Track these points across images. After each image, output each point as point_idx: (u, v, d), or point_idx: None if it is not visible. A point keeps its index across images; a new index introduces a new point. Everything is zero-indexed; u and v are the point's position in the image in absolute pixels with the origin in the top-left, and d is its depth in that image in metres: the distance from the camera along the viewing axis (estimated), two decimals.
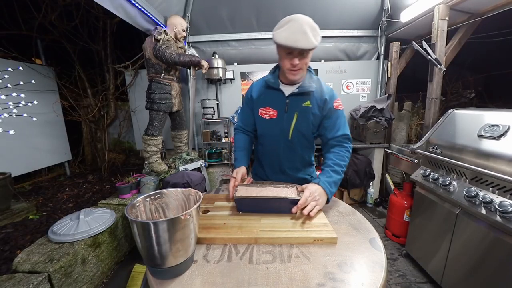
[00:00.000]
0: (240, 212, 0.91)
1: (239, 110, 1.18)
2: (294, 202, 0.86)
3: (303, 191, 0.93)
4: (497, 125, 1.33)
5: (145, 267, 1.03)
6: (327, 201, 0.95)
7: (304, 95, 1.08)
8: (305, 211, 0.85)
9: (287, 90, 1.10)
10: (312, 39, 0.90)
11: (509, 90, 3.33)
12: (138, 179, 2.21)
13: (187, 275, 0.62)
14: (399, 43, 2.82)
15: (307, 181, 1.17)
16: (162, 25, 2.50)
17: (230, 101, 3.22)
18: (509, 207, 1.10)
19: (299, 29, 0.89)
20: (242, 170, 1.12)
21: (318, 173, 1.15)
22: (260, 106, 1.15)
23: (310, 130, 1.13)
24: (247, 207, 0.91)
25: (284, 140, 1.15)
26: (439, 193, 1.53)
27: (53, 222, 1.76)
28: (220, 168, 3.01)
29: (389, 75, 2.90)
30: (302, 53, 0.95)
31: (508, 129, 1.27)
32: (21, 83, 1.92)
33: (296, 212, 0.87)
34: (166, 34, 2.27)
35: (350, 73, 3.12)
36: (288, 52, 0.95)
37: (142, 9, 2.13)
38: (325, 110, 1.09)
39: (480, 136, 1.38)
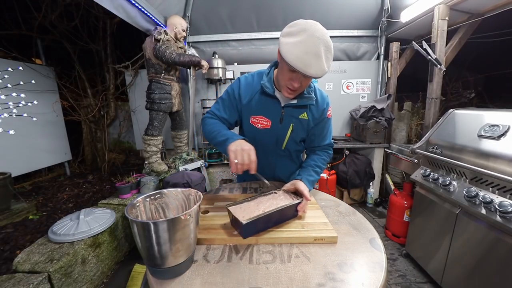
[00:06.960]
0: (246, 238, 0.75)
1: (219, 100, 1.03)
2: (297, 206, 0.84)
3: (294, 192, 0.93)
4: (497, 125, 1.33)
5: (145, 267, 1.03)
6: None
7: (301, 107, 1.00)
8: (303, 211, 0.85)
9: (284, 99, 0.99)
10: (325, 65, 0.77)
11: (509, 90, 3.33)
12: (138, 179, 2.22)
13: (187, 275, 0.62)
14: (399, 43, 2.82)
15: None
16: (162, 25, 2.50)
17: None
18: (509, 207, 1.10)
19: (314, 49, 0.75)
20: (249, 146, 0.87)
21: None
22: (252, 114, 1.04)
23: (304, 139, 1.12)
24: (255, 228, 0.76)
25: (278, 150, 1.10)
26: (439, 193, 1.53)
27: (53, 222, 1.76)
28: (220, 168, 3.01)
29: (389, 75, 2.90)
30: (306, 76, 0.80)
31: (508, 129, 1.27)
32: (21, 83, 1.93)
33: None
34: (166, 34, 2.27)
35: (350, 73, 3.12)
36: (293, 70, 0.81)
37: (142, 9, 2.13)
38: (319, 119, 1.04)
39: (480, 136, 1.38)
